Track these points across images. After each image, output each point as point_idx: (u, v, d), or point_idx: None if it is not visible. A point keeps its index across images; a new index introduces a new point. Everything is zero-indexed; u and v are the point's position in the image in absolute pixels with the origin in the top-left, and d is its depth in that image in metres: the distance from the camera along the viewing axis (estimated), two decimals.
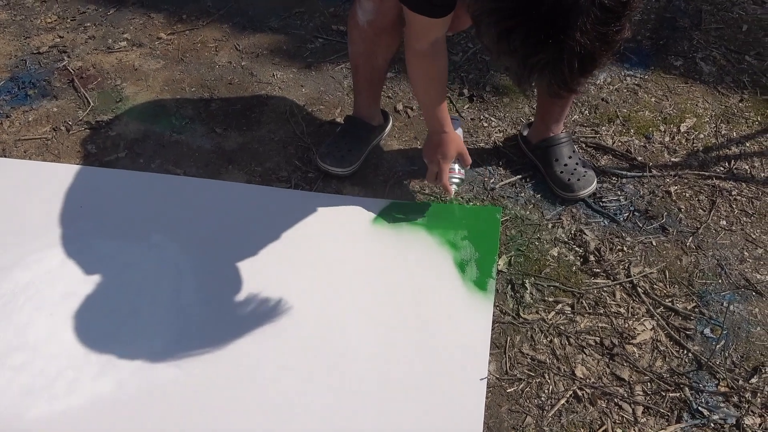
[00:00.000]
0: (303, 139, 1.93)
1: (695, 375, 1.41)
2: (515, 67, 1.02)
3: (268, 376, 1.42)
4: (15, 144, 1.95)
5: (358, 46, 1.70)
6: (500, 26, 0.98)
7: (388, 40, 1.65)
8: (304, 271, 1.60)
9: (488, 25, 1.01)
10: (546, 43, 0.95)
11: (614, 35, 0.97)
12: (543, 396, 1.39)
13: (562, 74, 0.99)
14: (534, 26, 0.95)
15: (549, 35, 0.95)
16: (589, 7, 0.93)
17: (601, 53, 0.98)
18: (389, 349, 1.45)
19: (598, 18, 0.94)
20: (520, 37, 0.97)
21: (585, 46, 0.95)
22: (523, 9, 0.95)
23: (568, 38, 0.94)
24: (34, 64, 2.21)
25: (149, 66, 2.19)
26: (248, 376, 1.42)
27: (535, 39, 0.96)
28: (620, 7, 0.95)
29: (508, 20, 0.97)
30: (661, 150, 1.89)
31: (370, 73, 1.75)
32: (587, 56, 0.97)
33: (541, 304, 1.54)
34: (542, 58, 0.97)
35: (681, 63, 2.16)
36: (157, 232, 1.69)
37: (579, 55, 0.96)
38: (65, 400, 1.38)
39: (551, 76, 1.00)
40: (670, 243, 1.66)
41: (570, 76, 0.99)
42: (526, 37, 0.97)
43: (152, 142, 1.94)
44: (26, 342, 1.48)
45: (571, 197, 1.73)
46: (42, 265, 1.62)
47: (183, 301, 1.55)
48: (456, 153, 1.65)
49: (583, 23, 0.93)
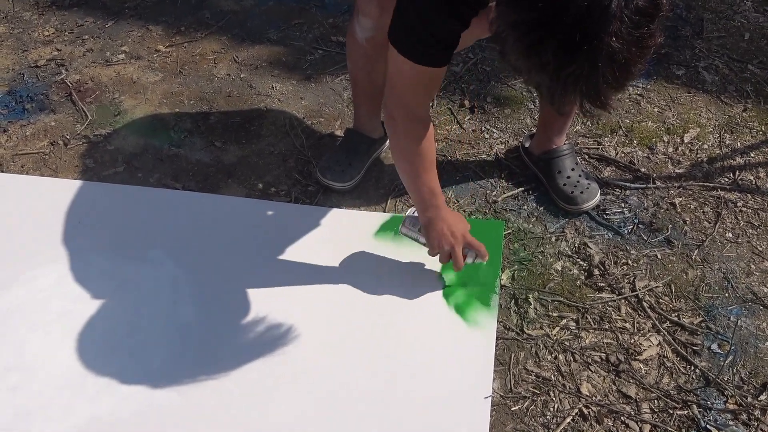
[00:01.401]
0: (303, 152, 1.91)
1: (703, 392, 1.39)
2: (547, 83, 0.98)
3: (266, 395, 1.39)
4: (12, 158, 1.93)
5: (357, 62, 1.68)
6: (528, 39, 0.94)
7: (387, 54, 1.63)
8: (304, 287, 1.58)
9: (515, 41, 0.97)
10: (579, 52, 0.91)
11: (648, 40, 0.93)
12: (548, 414, 1.36)
13: (596, 87, 0.95)
14: (564, 35, 0.91)
15: (582, 43, 0.91)
16: (622, 10, 0.89)
17: (635, 60, 0.94)
18: (391, 367, 1.43)
19: (633, 21, 0.90)
20: (552, 48, 0.93)
21: (620, 52, 0.91)
22: (550, 18, 0.91)
23: (602, 44, 0.90)
24: (31, 78, 2.19)
25: (147, 79, 2.17)
26: (246, 396, 1.39)
27: (568, 48, 0.92)
28: (653, 8, 0.92)
29: (535, 31, 0.93)
30: (665, 161, 1.87)
31: (369, 87, 1.73)
32: (622, 65, 0.93)
33: (546, 320, 1.52)
34: (576, 69, 0.93)
35: (683, 72, 2.14)
36: (155, 248, 1.67)
37: (614, 63, 0.92)
38: (62, 423, 1.36)
39: (585, 90, 0.96)
40: (675, 256, 1.63)
41: (605, 89, 0.95)
42: (558, 48, 0.92)
43: (151, 156, 1.92)
44: (22, 362, 1.45)
45: (574, 210, 1.71)
46: (38, 283, 1.60)
47: (181, 319, 1.53)
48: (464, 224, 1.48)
49: (618, 28, 0.90)
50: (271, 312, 1.53)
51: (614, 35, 0.90)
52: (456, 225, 1.46)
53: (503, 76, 2.13)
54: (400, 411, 1.36)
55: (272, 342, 1.48)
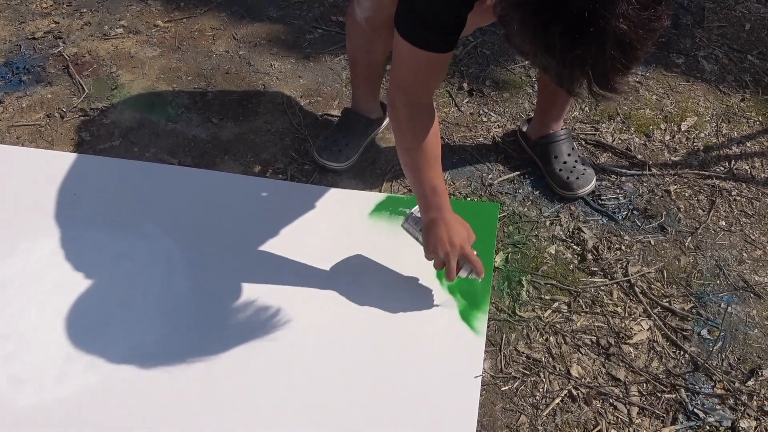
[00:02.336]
0: (300, 131, 1.91)
1: (691, 376, 1.40)
2: (554, 66, 0.97)
3: (258, 372, 1.40)
4: (8, 130, 1.93)
5: (355, 42, 1.68)
6: (534, 21, 0.94)
7: (386, 37, 1.61)
8: (297, 266, 1.58)
9: (521, 24, 0.96)
10: (586, 35, 0.91)
11: (655, 22, 0.92)
12: (537, 395, 1.38)
13: (604, 70, 0.94)
14: (571, 17, 0.91)
15: (588, 25, 0.90)
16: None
17: (643, 42, 0.93)
18: (383, 346, 1.44)
19: (640, 2, 0.90)
20: (558, 31, 0.92)
21: (628, 34, 0.91)
22: None
23: (609, 26, 0.90)
24: (28, 50, 2.18)
25: (145, 54, 2.16)
26: (238, 372, 1.40)
27: (574, 31, 0.91)
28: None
29: (541, 14, 0.93)
30: (661, 149, 1.87)
31: (368, 68, 1.73)
32: (630, 47, 0.92)
33: (538, 302, 1.53)
34: (583, 51, 0.92)
35: (683, 61, 2.14)
36: (150, 222, 1.67)
37: (621, 45, 0.91)
38: (54, 391, 1.36)
39: (593, 72, 0.95)
40: (668, 243, 1.64)
41: (612, 71, 0.94)
42: (564, 31, 0.92)
43: (147, 131, 1.92)
44: (16, 331, 1.46)
45: (569, 195, 1.71)
46: (33, 254, 1.60)
47: (174, 293, 1.53)
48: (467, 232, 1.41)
49: (625, 9, 0.89)
50: (263, 290, 1.54)
51: (621, 17, 0.90)
52: (457, 234, 1.38)
53: (502, 60, 2.12)
54: (391, 389, 1.37)
55: (264, 320, 1.48)
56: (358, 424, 1.32)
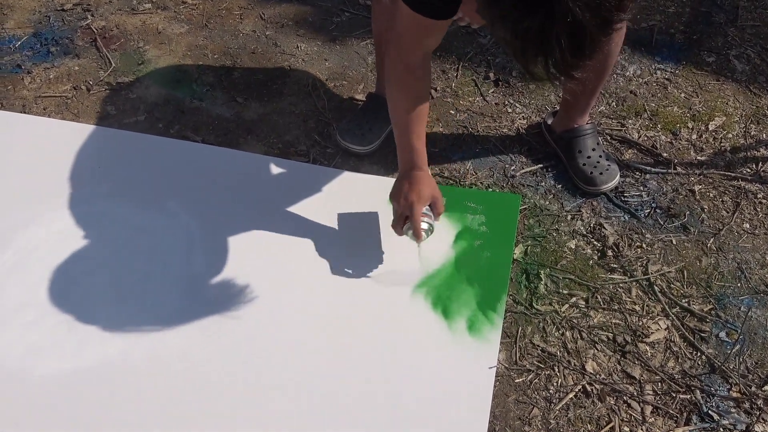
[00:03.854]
0: (324, 114, 1.91)
1: (707, 378, 1.39)
2: (507, 37, 0.97)
3: (272, 350, 1.41)
4: (35, 100, 1.94)
5: (381, 23, 1.67)
6: None
7: None
8: (315, 249, 1.59)
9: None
10: (535, 7, 0.91)
11: (609, 9, 0.91)
12: (551, 389, 1.37)
13: (553, 50, 0.93)
14: None
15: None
16: None
17: (595, 29, 0.92)
18: (398, 335, 1.44)
19: None
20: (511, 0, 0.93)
21: (575, 14, 0.89)
22: None
23: (557, 3, 0.89)
24: (57, 21, 2.19)
25: (173, 30, 2.16)
26: (253, 350, 1.41)
27: (526, 2, 0.92)
28: None
29: None
30: (688, 147, 1.85)
31: None
32: (579, 30, 0.91)
33: (555, 296, 1.52)
34: (532, 24, 0.92)
35: (713, 59, 2.10)
36: (171, 199, 1.68)
37: (569, 25, 0.90)
38: (73, 361, 1.38)
39: (545, 50, 0.94)
40: (690, 243, 1.63)
41: (562, 53, 0.93)
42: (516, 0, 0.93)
43: (172, 108, 1.92)
44: (37, 300, 1.48)
45: (592, 191, 1.70)
46: (56, 224, 1.61)
47: (193, 270, 1.54)
48: (430, 196, 1.42)
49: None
50: (280, 272, 1.54)
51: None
52: (416, 192, 1.39)
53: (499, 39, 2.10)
54: (406, 377, 1.37)
55: (280, 300, 1.49)
56: (372, 411, 1.33)
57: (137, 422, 1.30)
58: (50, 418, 1.30)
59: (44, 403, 1.32)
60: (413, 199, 1.39)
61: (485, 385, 1.35)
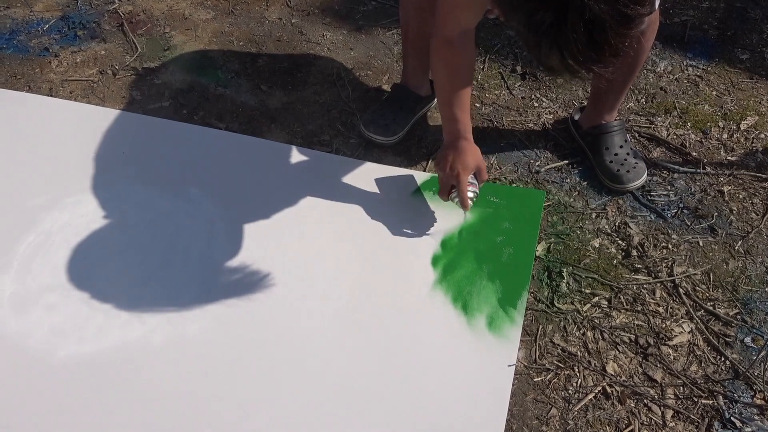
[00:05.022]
0: (348, 104, 1.90)
1: (731, 384, 1.36)
2: (522, 30, 0.95)
3: (293, 341, 1.41)
4: (62, 84, 1.95)
5: (408, 11, 1.65)
6: None
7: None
8: (338, 240, 1.58)
9: None
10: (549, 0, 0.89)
11: (625, 3, 0.88)
12: (570, 389, 1.36)
13: (568, 42, 0.91)
14: None
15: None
16: None
17: (612, 23, 0.89)
18: (417, 329, 1.43)
19: None
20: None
21: (591, 8, 0.87)
22: None
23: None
24: (85, 5, 2.20)
25: (199, 16, 2.16)
26: (270, 339, 1.41)
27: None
28: None
29: None
30: (718, 147, 1.81)
31: (419, 39, 1.70)
32: (596, 24, 0.88)
33: (577, 295, 1.50)
34: (545, 16, 0.90)
35: (747, 57, 2.05)
36: (194, 185, 1.68)
37: (585, 19, 0.88)
38: (94, 344, 1.40)
39: (560, 43, 0.92)
40: (717, 245, 1.59)
41: (578, 46, 0.91)
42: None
43: (197, 94, 1.92)
44: (60, 282, 1.49)
45: (619, 188, 1.67)
46: (80, 208, 1.63)
47: (214, 257, 1.54)
48: (475, 166, 1.49)
49: None
50: (301, 262, 1.54)
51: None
52: (461, 162, 1.46)
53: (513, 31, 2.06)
54: (425, 373, 1.37)
55: (302, 290, 1.49)
56: (387, 405, 1.32)
57: (155, 406, 1.31)
58: (71, 400, 1.32)
59: (65, 385, 1.34)
60: (459, 170, 1.47)
61: (503, 383, 1.34)
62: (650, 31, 1.52)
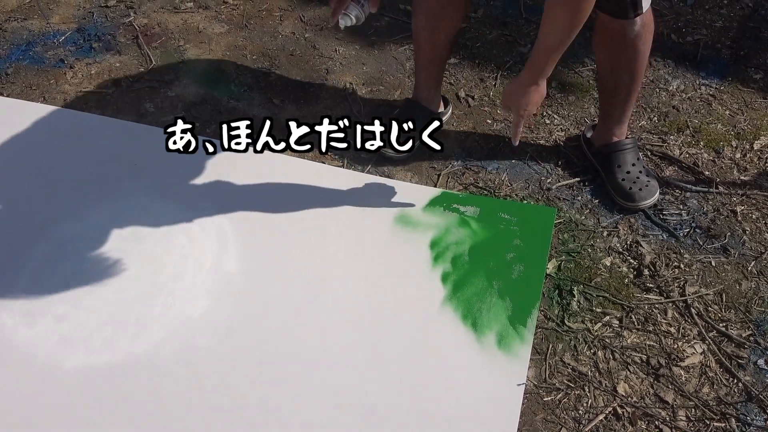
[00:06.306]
0: (360, 119, 1.90)
1: (743, 407, 1.35)
2: None
3: (302, 355, 1.40)
4: (77, 95, 1.97)
5: (421, 19, 1.66)
6: None
7: (452, 13, 1.60)
8: (346, 255, 1.58)
9: None
10: None
11: None
12: (581, 409, 1.34)
13: None
14: None
15: None
16: None
17: None
18: (426, 346, 1.42)
19: None
20: None
21: None
22: None
23: None
24: (101, 17, 2.22)
25: (213, 30, 2.18)
26: (282, 353, 1.41)
27: None
28: None
29: None
30: (731, 166, 1.80)
31: (431, 49, 1.70)
32: None
33: (588, 314, 1.49)
34: None
35: (761, 77, 2.05)
36: (205, 198, 1.69)
37: None
38: (102, 355, 1.39)
39: None
40: (730, 265, 1.58)
41: None
42: None
43: (209, 107, 1.93)
44: (70, 293, 1.49)
45: (630, 207, 1.66)
46: (91, 218, 1.63)
47: (224, 270, 1.54)
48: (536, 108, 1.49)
49: None
50: (311, 277, 1.54)
51: None
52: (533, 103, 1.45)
53: (570, 61, 2.07)
54: (434, 390, 1.36)
55: (310, 305, 1.49)
56: (396, 422, 1.31)
57: (162, 419, 1.31)
58: (77, 411, 1.31)
59: (72, 396, 1.34)
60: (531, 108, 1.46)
61: (513, 402, 1.33)
62: (646, 34, 1.51)
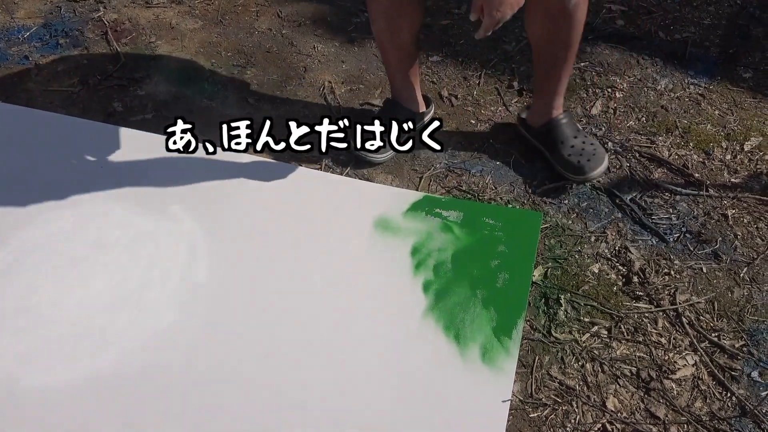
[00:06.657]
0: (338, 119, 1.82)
1: (737, 422, 1.29)
2: None
3: (277, 368, 1.33)
4: (42, 94, 1.88)
5: (379, 22, 1.58)
6: None
7: (410, 11, 1.52)
8: (324, 261, 1.51)
9: None
10: None
11: None
12: (569, 426, 1.28)
13: None
14: None
15: None
16: None
17: None
18: (407, 360, 1.35)
19: None
20: None
21: None
22: None
23: None
24: (68, 12, 2.13)
25: (186, 25, 2.09)
26: (249, 368, 1.33)
27: None
28: None
29: None
30: (721, 168, 1.75)
31: (396, 50, 1.63)
32: None
33: (576, 324, 1.43)
34: None
35: (750, 75, 2.00)
36: (176, 203, 1.61)
37: None
38: (60, 374, 1.31)
39: None
40: (722, 272, 1.53)
41: None
42: None
43: (182, 106, 1.85)
44: (30, 305, 1.41)
45: (582, 180, 1.62)
46: (55, 225, 1.55)
47: (194, 278, 1.46)
48: None
49: None
50: (285, 286, 1.46)
51: None
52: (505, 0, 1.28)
53: None
54: (417, 409, 1.29)
55: (283, 315, 1.41)
56: None
57: None
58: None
59: (28, 416, 1.25)
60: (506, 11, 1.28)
61: (498, 420, 1.26)
62: (582, 2, 1.44)
